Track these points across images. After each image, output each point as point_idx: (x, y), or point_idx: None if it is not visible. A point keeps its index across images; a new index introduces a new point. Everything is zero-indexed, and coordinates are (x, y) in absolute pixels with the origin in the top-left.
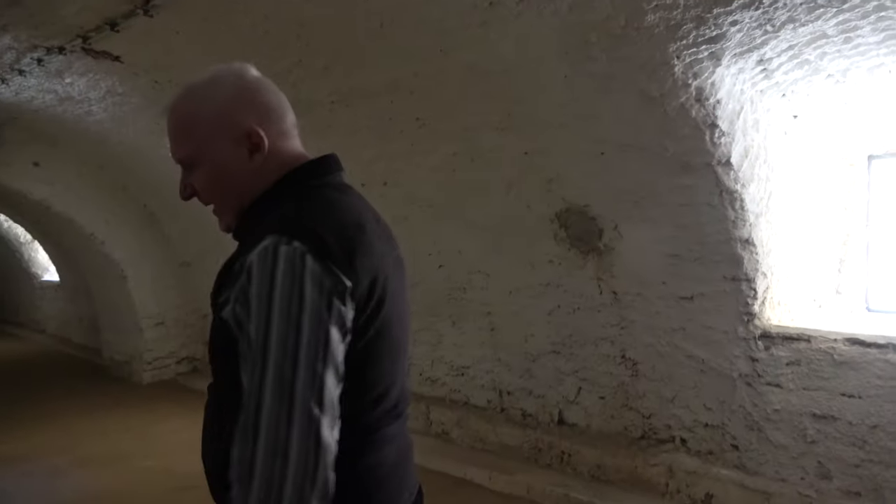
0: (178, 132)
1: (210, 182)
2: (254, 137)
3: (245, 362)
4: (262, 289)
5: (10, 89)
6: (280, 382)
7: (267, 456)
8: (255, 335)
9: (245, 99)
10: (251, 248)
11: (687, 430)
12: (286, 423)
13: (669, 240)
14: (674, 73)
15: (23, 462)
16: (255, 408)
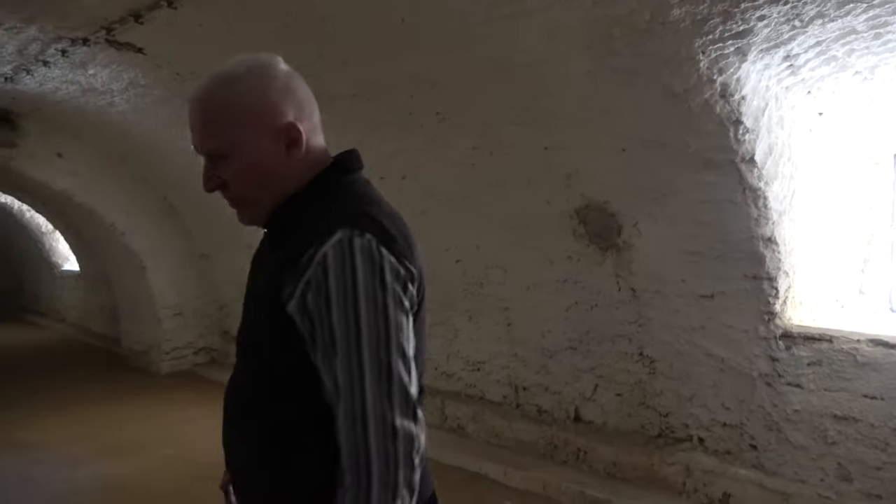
0: (212, 123)
1: (243, 175)
2: (293, 132)
3: (324, 354)
4: (344, 280)
5: (35, 80)
6: (379, 368)
7: (379, 438)
8: (343, 325)
9: (284, 92)
10: (317, 241)
11: (705, 430)
12: (389, 407)
13: (690, 237)
14: (699, 68)
15: (43, 449)
16: (360, 395)
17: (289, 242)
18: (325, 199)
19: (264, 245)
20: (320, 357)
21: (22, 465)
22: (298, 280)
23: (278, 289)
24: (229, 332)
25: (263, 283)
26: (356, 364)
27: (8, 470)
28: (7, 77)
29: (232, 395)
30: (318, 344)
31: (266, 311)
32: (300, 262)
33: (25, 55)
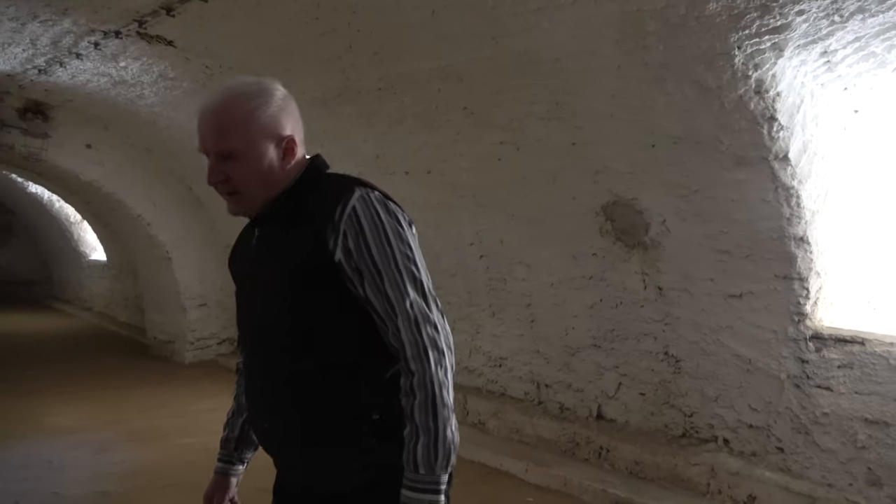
0: (230, 128)
1: (247, 174)
2: (290, 144)
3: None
4: (373, 222)
5: (67, 72)
6: (413, 281)
7: (428, 332)
8: (382, 255)
9: (288, 111)
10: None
11: (730, 431)
12: (430, 309)
13: (719, 235)
14: (733, 63)
15: (71, 435)
16: (408, 303)
17: (308, 217)
18: (322, 182)
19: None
20: (368, 284)
21: (49, 450)
22: (337, 232)
23: (322, 246)
24: None
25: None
26: (399, 281)
27: (37, 455)
28: (41, 69)
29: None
30: (364, 275)
31: (309, 271)
32: (334, 219)
33: (59, 48)
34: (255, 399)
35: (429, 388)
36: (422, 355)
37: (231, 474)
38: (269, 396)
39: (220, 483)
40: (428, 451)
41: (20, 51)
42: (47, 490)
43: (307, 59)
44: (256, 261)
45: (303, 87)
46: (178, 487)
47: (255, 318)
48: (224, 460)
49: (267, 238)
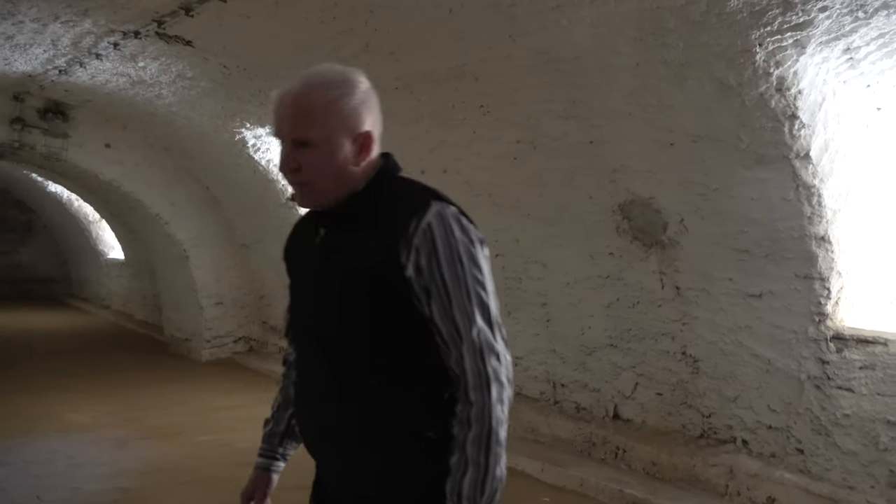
0: (309, 115)
1: (320, 165)
2: (367, 140)
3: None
4: (447, 242)
5: (87, 73)
6: (482, 308)
7: (492, 363)
8: (453, 277)
9: (367, 105)
10: (417, 214)
11: (749, 432)
12: (496, 338)
13: (739, 235)
14: (755, 61)
15: (91, 431)
16: (474, 331)
17: (379, 225)
18: (397, 188)
19: (332, 231)
20: (436, 306)
21: (70, 445)
22: (410, 247)
23: (393, 259)
24: (268, 322)
25: (366, 262)
26: (467, 306)
27: (58, 451)
28: (61, 70)
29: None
30: (432, 295)
31: (377, 281)
32: (408, 234)
33: (79, 48)
34: (308, 401)
35: (486, 422)
36: (483, 387)
37: (273, 470)
38: (323, 401)
39: (261, 479)
40: (475, 487)
41: (41, 51)
42: (68, 485)
43: (324, 57)
44: (319, 261)
45: None
46: (196, 484)
47: (314, 320)
48: (267, 455)
49: (333, 239)
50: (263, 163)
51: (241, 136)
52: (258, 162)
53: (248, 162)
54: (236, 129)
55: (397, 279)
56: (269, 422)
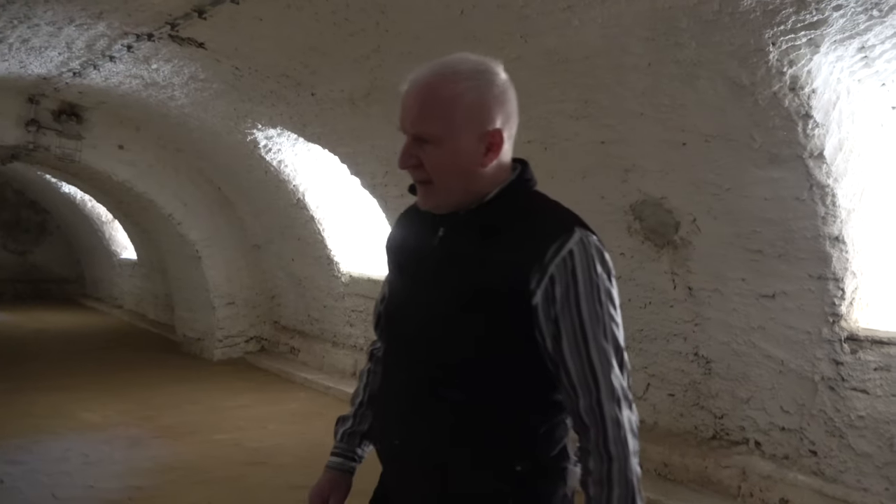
0: (433, 108)
1: (442, 163)
2: (496, 138)
3: (572, 341)
4: (589, 275)
5: (101, 75)
6: (619, 353)
7: (629, 415)
8: (592, 316)
9: (500, 101)
10: (558, 239)
11: (762, 433)
12: (629, 388)
13: (752, 235)
14: (768, 60)
15: (104, 430)
16: (611, 379)
17: (509, 240)
18: (533, 202)
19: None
20: (567, 344)
21: (84, 444)
22: (544, 273)
23: (521, 281)
24: (279, 322)
25: (491, 276)
26: (606, 350)
27: (72, 450)
28: (75, 72)
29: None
30: (563, 331)
31: (499, 299)
32: (544, 259)
33: (93, 51)
34: (391, 409)
35: (629, 481)
36: (622, 441)
37: (349, 472)
38: (411, 413)
39: (337, 481)
40: None
41: (56, 54)
42: (83, 483)
43: (335, 59)
44: (435, 264)
45: (330, 88)
46: (210, 483)
47: (415, 325)
48: (345, 455)
49: (454, 243)
50: (275, 164)
51: (253, 137)
52: (269, 163)
53: (259, 163)
54: (248, 130)
55: (521, 305)
56: (349, 419)
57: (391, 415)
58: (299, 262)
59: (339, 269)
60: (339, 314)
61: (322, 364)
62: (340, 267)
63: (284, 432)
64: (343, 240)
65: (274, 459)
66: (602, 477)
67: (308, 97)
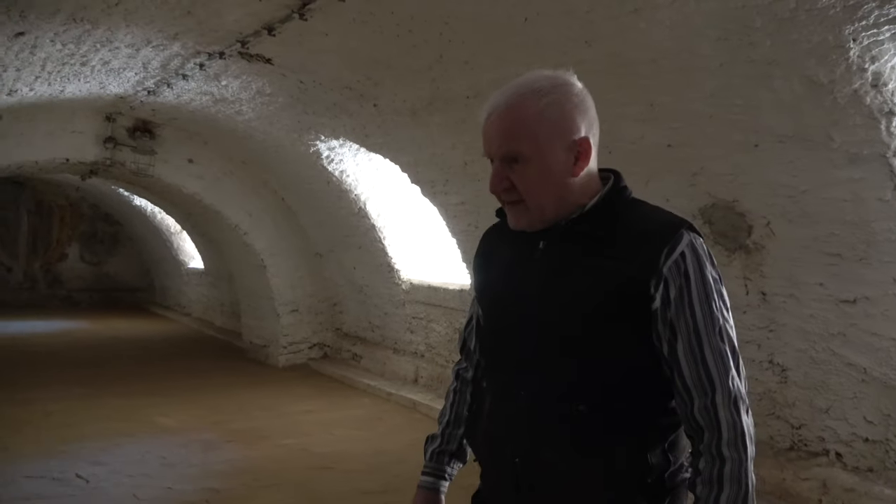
0: (518, 129)
1: (535, 180)
2: (584, 146)
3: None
4: (701, 276)
5: (173, 92)
6: (735, 356)
7: (745, 418)
8: (707, 316)
9: (580, 109)
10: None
11: (843, 444)
12: (745, 389)
13: (830, 238)
14: (848, 57)
15: (179, 434)
16: (729, 379)
17: (618, 248)
18: (635, 209)
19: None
20: (683, 346)
21: (162, 447)
22: (660, 278)
23: (640, 288)
24: (341, 329)
25: (606, 286)
26: (722, 351)
27: (150, 452)
28: (150, 91)
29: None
30: (679, 334)
31: (619, 308)
32: (658, 263)
33: (167, 70)
34: (505, 428)
35: (743, 483)
36: (739, 442)
37: (441, 490)
38: (536, 430)
39: (429, 499)
40: None
41: (133, 74)
42: (162, 485)
43: (398, 70)
44: (540, 277)
45: (392, 98)
46: (280, 487)
47: (528, 341)
48: (435, 474)
49: (557, 256)
50: (337, 174)
51: (316, 149)
52: (332, 173)
53: (322, 173)
54: (311, 142)
55: (641, 312)
56: (437, 439)
57: (511, 435)
58: (361, 270)
59: (400, 277)
60: (400, 321)
61: (384, 370)
62: (401, 274)
63: (350, 438)
64: (403, 247)
65: (341, 465)
66: (713, 477)
67: (370, 108)
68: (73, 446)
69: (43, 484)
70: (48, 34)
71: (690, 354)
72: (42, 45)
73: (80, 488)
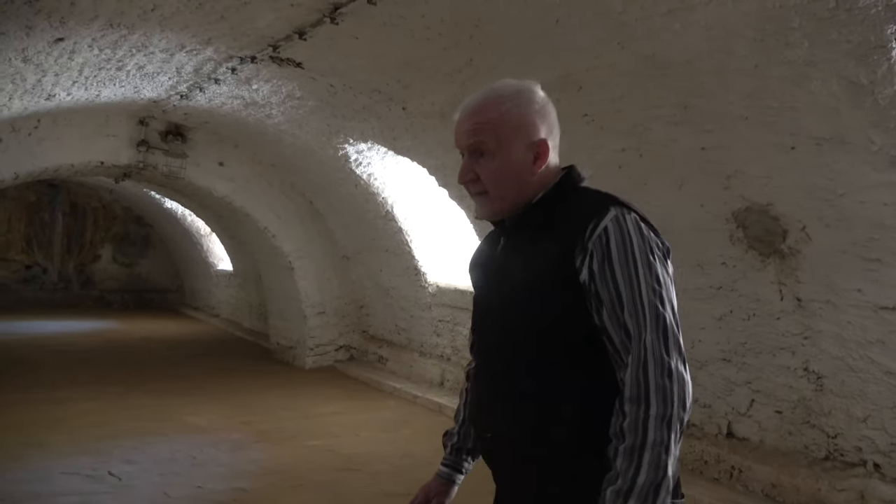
0: (486, 125)
1: (496, 173)
2: (542, 147)
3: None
4: (624, 247)
5: (205, 96)
6: (656, 318)
7: (658, 376)
8: (626, 283)
9: (541, 114)
10: (594, 218)
11: (882, 455)
12: (666, 351)
13: (869, 242)
14: (890, 57)
15: (208, 433)
16: (641, 340)
17: (556, 230)
18: (576, 195)
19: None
20: (607, 314)
21: (192, 447)
22: (585, 251)
23: (568, 263)
24: (367, 332)
25: (542, 266)
26: (640, 314)
27: (180, 451)
28: (183, 95)
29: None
30: (604, 302)
31: (552, 286)
32: (584, 238)
33: (200, 74)
34: (481, 406)
35: (640, 433)
36: (641, 399)
37: (455, 482)
38: (497, 408)
39: (443, 487)
40: (615, 500)
41: (166, 79)
42: (192, 483)
43: (427, 73)
44: (499, 269)
45: (421, 101)
46: (307, 488)
47: (491, 327)
48: (452, 467)
49: (513, 247)
50: (365, 177)
51: (345, 152)
52: (360, 176)
53: (349, 176)
54: (339, 145)
55: (572, 285)
56: (454, 436)
57: (482, 412)
58: (387, 273)
59: (426, 280)
60: (426, 324)
61: (410, 373)
62: (427, 277)
63: (376, 440)
64: (430, 251)
65: (367, 467)
66: (616, 430)
67: (399, 111)
68: (106, 444)
69: (77, 480)
70: (86, 39)
71: (615, 318)
72: (80, 51)
73: (113, 486)
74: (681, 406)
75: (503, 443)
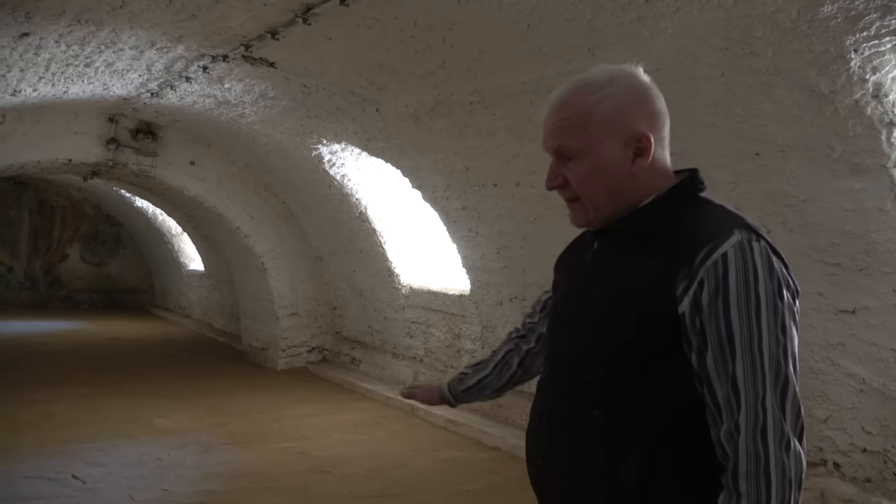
0: (571, 124)
1: (588, 177)
2: (643, 142)
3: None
4: (746, 281)
5: (176, 94)
6: (776, 378)
7: (778, 450)
8: (745, 327)
9: (641, 103)
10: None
11: (842, 455)
12: (785, 419)
13: (830, 247)
14: (849, 67)
15: (177, 436)
16: (761, 402)
17: (661, 245)
18: (694, 207)
19: (607, 247)
20: (712, 359)
21: (159, 449)
22: (692, 278)
23: (667, 288)
24: (341, 333)
25: (635, 285)
26: (759, 369)
27: (147, 454)
28: (153, 93)
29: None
30: (709, 343)
31: (643, 312)
32: (693, 261)
33: (171, 72)
34: (541, 424)
35: None
36: (761, 477)
37: (444, 398)
38: (557, 433)
39: (434, 392)
40: None
41: (136, 76)
42: (158, 487)
43: (401, 75)
44: (586, 278)
45: (395, 103)
46: (278, 490)
47: (567, 337)
48: (451, 387)
49: (607, 255)
50: (339, 178)
51: (318, 152)
52: (333, 177)
53: (323, 177)
54: (313, 146)
55: (666, 314)
56: (469, 370)
57: (541, 430)
58: (361, 274)
59: (400, 282)
60: (400, 326)
61: (383, 375)
62: (401, 279)
63: (348, 442)
64: (404, 252)
65: (338, 469)
66: None
67: (373, 113)
68: (72, 447)
69: (41, 485)
70: (53, 35)
71: (721, 367)
72: (46, 46)
73: (77, 489)
74: (798, 489)
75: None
